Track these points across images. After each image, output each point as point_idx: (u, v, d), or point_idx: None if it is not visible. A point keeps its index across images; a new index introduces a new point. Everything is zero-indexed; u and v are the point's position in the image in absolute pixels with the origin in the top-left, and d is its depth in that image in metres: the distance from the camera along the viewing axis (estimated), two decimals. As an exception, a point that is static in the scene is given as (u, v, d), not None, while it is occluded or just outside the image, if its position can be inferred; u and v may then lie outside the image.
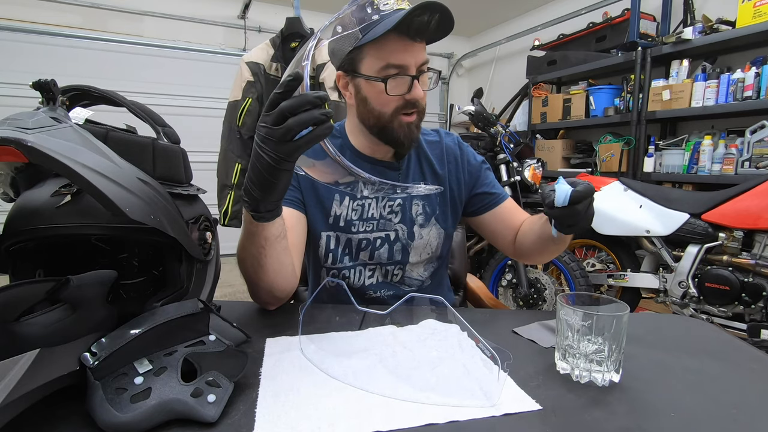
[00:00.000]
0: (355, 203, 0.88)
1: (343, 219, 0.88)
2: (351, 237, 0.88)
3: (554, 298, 2.11)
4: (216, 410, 0.46)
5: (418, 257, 0.93)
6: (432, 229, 0.93)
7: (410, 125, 0.82)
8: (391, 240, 0.90)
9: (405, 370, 0.58)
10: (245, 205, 0.64)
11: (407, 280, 0.95)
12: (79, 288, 0.48)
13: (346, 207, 0.88)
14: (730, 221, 1.82)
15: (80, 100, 0.64)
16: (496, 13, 4.32)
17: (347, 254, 0.89)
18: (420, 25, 0.76)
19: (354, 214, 0.88)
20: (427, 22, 0.76)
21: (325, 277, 0.91)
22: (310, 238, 0.90)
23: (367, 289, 0.92)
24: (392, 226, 0.90)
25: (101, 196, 0.45)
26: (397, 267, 0.92)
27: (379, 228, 0.89)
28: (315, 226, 0.88)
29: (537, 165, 2.37)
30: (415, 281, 0.96)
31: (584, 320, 0.55)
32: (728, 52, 2.58)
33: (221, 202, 2.18)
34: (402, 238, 0.90)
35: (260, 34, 4.06)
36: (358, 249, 0.89)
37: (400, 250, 0.90)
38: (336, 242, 0.89)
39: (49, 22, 3.43)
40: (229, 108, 2.17)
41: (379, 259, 0.90)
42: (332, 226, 0.88)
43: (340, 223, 0.88)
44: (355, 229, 0.88)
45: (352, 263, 0.90)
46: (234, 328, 0.63)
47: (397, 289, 0.94)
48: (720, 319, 1.86)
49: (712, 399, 0.54)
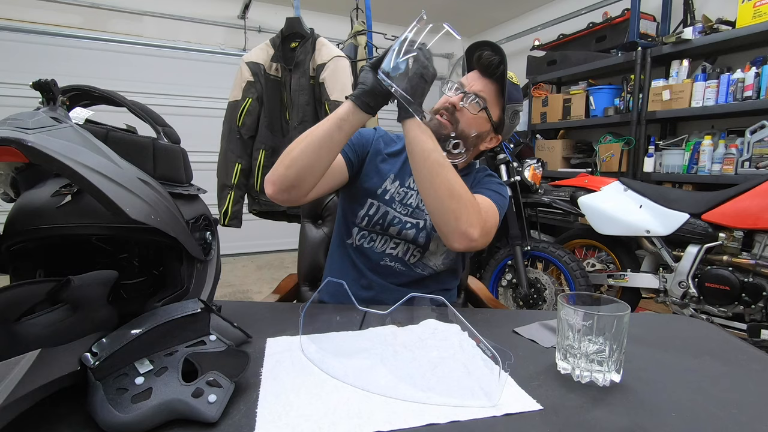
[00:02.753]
0: (402, 188, 1.02)
1: (389, 194, 1.01)
2: (389, 210, 1.00)
3: (554, 298, 2.11)
4: (217, 410, 0.46)
5: (436, 247, 1.02)
6: None
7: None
8: (419, 227, 1.00)
9: (406, 370, 0.58)
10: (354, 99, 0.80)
11: (421, 266, 1.02)
12: (79, 288, 0.48)
13: (395, 187, 1.02)
14: (730, 221, 1.82)
15: (80, 100, 0.64)
16: (496, 13, 4.32)
17: (380, 224, 1.00)
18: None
19: (398, 196, 1.01)
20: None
21: (354, 238, 1.03)
22: (356, 201, 1.02)
23: (384, 256, 1.01)
24: (423, 216, 1.00)
25: (101, 196, 0.45)
26: (417, 250, 1.01)
27: (413, 216, 1.00)
28: (366, 192, 1.01)
29: (537, 165, 2.36)
30: (429, 268, 1.02)
31: (585, 320, 0.55)
32: (728, 52, 2.58)
33: (221, 202, 2.18)
34: (428, 227, 0.99)
35: (260, 34, 4.06)
36: (390, 224, 1.00)
37: (424, 237, 1.00)
38: (376, 210, 1.01)
39: (49, 22, 3.43)
40: (229, 108, 2.17)
41: (405, 237, 1.00)
42: (379, 196, 1.01)
43: (386, 196, 1.01)
44: (395, 206, 1.01)
45: (381, 231, 1.01)
46: (235, 328, 0.63)
47: (410, 269, 1.01)
48: (720, 319, 1.86)
49: (712, 399, 0.54)
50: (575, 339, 0.57)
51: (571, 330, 0.57)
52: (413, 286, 1.01)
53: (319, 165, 0.84)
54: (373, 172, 1.02)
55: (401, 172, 1.03)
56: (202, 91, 3.91)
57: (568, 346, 0.58)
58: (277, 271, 3.80)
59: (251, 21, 4.04)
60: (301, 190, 0.85)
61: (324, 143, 0.82)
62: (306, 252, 1.28)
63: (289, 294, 1.21)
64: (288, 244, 4.27)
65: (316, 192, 0.92)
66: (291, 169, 0.83)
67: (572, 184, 2.36)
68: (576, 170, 3.17)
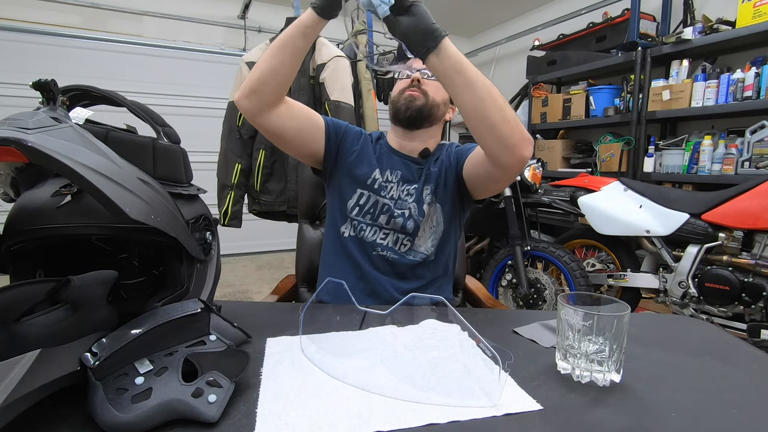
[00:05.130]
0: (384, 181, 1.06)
1: (378, 183, 1.05)
2: (378, 199, 1.04)
3: (554, 298, 2.11)
4: (217, 410, 0.46)
5: (423, 231, 1.05)
6: (435, 205, 1.06)
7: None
8: (406, 216, 1.03)
9: (405, 370, 0.58)
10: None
11: (413, 253, 1.05)
12: (80, 288, 0.48)
13: (381, 177, 1.06)
14: (730, 221, 1.82)
15: (80, 100, 0.64)
16: (496, 13, 4.32)
17: (370, 212, 1.04)
18: None
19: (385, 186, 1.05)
20: None
21: (347, 229, 1.06)
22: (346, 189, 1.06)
23: (376, 245, 1.04)
24: (407, 205, 1.05)
25: (101, 196, 0.45)
26: (406, 238, 1.04)
27: (398, 206, 1.05)
28: (356, 180, 1.05)
29: (537, 165, 2.36)
30: (420, 254, 1.05)
31: (585, 320, 0.55)
32: (728, 52, 2.58)
33: (221, 202, 2.18)
34: (414, 214, 1.03)
35: (260, 34, 4.06)
36: (380, 212, 1.03)
37: (412, 224, 1.03)
38: (366, 199, 1.05)
39: (49, 22, 3.43)
40: (229, 108, 2.17)
41: (394, 226, 1.03)
42: (368, 186, 1.05)
43: (375, 186, 1.05)
44: (383, 194, 1.04)
45: (372, 221, 1.04)
46: (235, 328, 0.63)
47: (402, 257, 1.04)
48: (720, 319, 1.86)
49: (712, 399, 0.54)
50: (575, 339, 0.57)
51: (571, 330, 0.57)
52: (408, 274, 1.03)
53: (283, 69, 0.87)
54: (365, 162, 1.06)
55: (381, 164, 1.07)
56: (202, 91, 3.91)
57: (568, 346, 0.58)
58: (277, 271, 3.80)
59: (251, 21, 4.04)
60: (264, 96, 0.89)
61: (287, 46, 0.85)
62: (304, 253, 1.28)
63: (288, 294, 1.21)
64: (287, 244, 4.26)
65: (288, 120, 0.95)
66: (254, 72, 0.88)
67: (572, 184, 2.36)
68: (576, 170, 3.16)
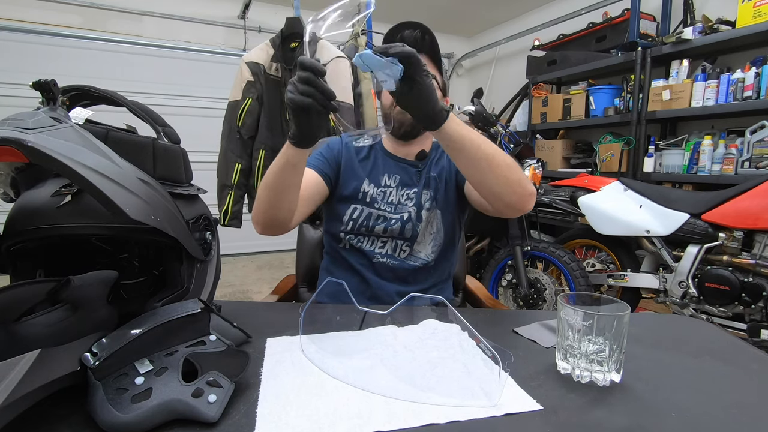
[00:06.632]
0: (379, 189, 1.06)
1: (369, 196, 1.05)
2: (372, 211, 1.04)
3: (554, 298, 2.11)
4: (217, 410, 0.46)
5: (423, 237, 1.05)
6: (435, 211, 1.06)
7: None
8: (404, 220, 1.03)
9: (406, 370, 0.58)
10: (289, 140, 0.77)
11: (413, 258, 1.05)
12: (80, 288, 0.48)
13: (372, 189, 1.06)
14: (730, 221, 1.82)
15: (80, 100, 0.64)
16: (496, 13, 4.32)
17: (365, 225, 1.04)
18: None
19: (379, 196, 1.06)
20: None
21: (344, 243, 1.06)
22: (338, 208, 1.06)
23: (375, 254, 1.04)
24: (406, 209, 1.04)
25: (101, 196, 0.45)
26: (405, 243, 1.04)
27: (397, 211, 1.05)
28: (347, 198, 1.05)
29: (537, 165, 2.36)
30: (420, 260, 1.05)
31: (585, 320, 0.55)
32: (728, 52, 2.58)
33: (221, 202, 2.19)
34: (412, 218, 1.04)
35: (260, 34, 4.06)
36: (375, 224, 1.04)
37: (410, 228, 1.03)
38: (360, 213, 1.04)
39: (49, 22, 3.43)
40: (229, 108, 2.17)
41: (391, 233, 1.03)
42: (360, 200, 1.05)
43: (367, 198, 1.05)
44: (377, 205, 1.05)
45: (367, 233, 1.04)
46: (235, 328, 0.63)
47: (402, 262, 1.04)
48: (720, 319, 1.86)
49: (712, 399, 0.54)
50: (575, 339, 0.57)
51: (571, 330, 0.57)
52: (409, 279, 1.03)
53: (286, 199, 0.85)
54: (351, 177, 1.06)
55: (373, 174, 1.07)
56: (202, 91, 3.91)
57: (568, 346, 0.58)
58: (277, 271, 3.80)
59: (251, 21, 4.04)
60: (282, 223, 0.89)
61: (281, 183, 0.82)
62: (304, 253, 1.28)
63: (288, 294, 1.21)
64: (288, 244, 4.26)
65: (301, 215, 0.96)
66: (261, 214, 0.87)
67: (572, 184, 2.36)
68: (576, 170, 3.17)
